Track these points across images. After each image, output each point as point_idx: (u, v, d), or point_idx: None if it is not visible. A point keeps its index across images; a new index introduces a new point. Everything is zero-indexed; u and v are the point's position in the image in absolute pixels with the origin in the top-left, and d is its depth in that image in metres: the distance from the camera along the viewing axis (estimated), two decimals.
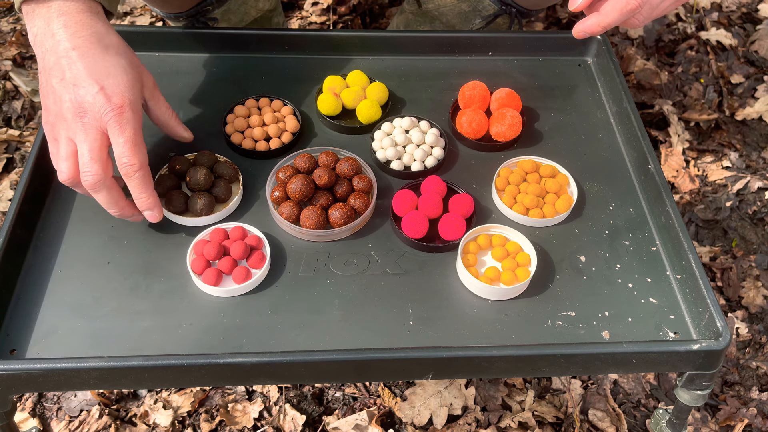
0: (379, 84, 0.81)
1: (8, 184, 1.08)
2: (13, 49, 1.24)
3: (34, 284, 0.64)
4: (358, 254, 0.68)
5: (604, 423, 0.88)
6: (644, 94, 1.28)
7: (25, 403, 0.87)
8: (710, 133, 1.24)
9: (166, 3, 1.00)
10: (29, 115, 1.18)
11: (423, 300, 0.64)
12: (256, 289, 0.65)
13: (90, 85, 0.60)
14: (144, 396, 0.88)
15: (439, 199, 0.69)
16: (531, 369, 0.60)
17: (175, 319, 0.62)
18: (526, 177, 0.74)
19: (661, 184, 0.71)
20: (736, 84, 1.32)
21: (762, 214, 1.12)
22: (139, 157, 0.61)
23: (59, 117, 0.62)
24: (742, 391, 0.93)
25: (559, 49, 0.88)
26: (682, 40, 1.39)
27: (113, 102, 0.60)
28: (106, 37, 0.63)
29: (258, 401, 0.88)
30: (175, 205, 0.68)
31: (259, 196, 0.72)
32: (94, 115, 0.60)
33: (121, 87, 0.62)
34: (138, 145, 0.61)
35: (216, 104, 0.80)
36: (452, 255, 0.68)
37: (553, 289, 0.66)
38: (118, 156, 0.61)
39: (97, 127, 0.60)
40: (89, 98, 0.60)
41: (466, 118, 0.77)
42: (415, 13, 1.09)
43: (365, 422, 0.86)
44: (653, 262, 0.69)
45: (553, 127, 0.81)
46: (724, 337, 0.60)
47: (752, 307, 1.01)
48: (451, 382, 0.90)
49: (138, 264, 0.66)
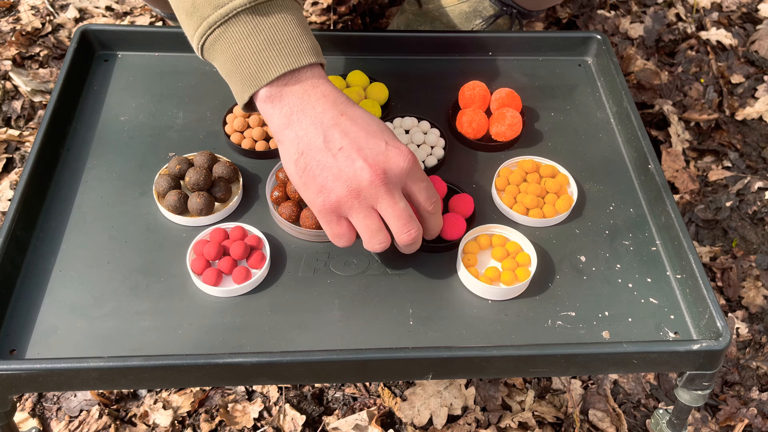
0: (379, 84, 0.81)
1: (8, 184, 1.08)
2: (13, 49, 1.24)
3: (34, 284, 0.64)
4: (358, 254, 0.68)
5: (604, 423, 0.88)
6: (644, 94, 1.28)
7: (24, 403, 0.87)
8: (710, 133, 1.24)
9: (167, 4, 1.00)
10: (29, 115, 1.18)
11: (423, 300, 0.64)
12: (256, 289, 0.65)
13: (376, 144, 0.56)
14: (144, 396, 0.88)
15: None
16: (531, 369, 0.60)
17: (175, 319, 0.62)
18: (526, 177, 0.74)
19: (661, 184, 0.71)
20: (736, 84, 1.32)
21: (762, 214, 1.12)
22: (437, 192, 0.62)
23: (351, 192, 0.56)
24: (742, 391, 0.93)
25: (559, 49, 0.88)
26: (682, 40, 1.39)
27: (404, 152, 0.57)
28: (351, 99, 0.59)
29: (258, 401, 0.88)
30: (175, 206, 0.68)
31: (259, 196, 0.72)
32: (394, 173, 0.56)
33: (395, 136, 0.59)
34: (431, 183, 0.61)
35: (216, 104, 0.80)
36: (452, 255, 0.68)
37: (553, 289, 0.66)
38: (424, 200, 0.60)
39: (399, 184, 0.57)
40: (382, 157, 0.56)
41: (466, 118, 0.77)
42: (415, 13, 1.09)
43: (365, 422, 0.86)
44: (653, 262, 0.69)
45: (553, 127, 0.81)
46: (724, 337, 0.60)
47: (752, 307, 1.01)
48: (451, 382, 0.90)
49: (138, 264, 0.66)
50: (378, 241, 0.58)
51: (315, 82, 0.57)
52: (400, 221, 0.57)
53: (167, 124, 0.78)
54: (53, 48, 1.27)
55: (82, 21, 1.33)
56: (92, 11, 1.35)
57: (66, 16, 1.33)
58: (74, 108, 0.78)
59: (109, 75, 0.83)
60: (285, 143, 0.57)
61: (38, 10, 1.34)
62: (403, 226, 0.58)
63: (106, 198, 0.71)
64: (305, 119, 0.56)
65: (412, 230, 0.58)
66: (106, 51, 0.85)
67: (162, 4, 1.03)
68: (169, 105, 0.80)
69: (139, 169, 0.74)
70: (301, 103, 0.56)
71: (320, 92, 0.57)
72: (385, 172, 0.56)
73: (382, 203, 0.57)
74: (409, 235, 0.58)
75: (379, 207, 0.57)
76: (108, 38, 0.84)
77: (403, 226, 0.58)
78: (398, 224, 0.57)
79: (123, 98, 0.80)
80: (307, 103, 0.56)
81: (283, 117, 0.57)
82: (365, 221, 0.57)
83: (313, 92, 0.56)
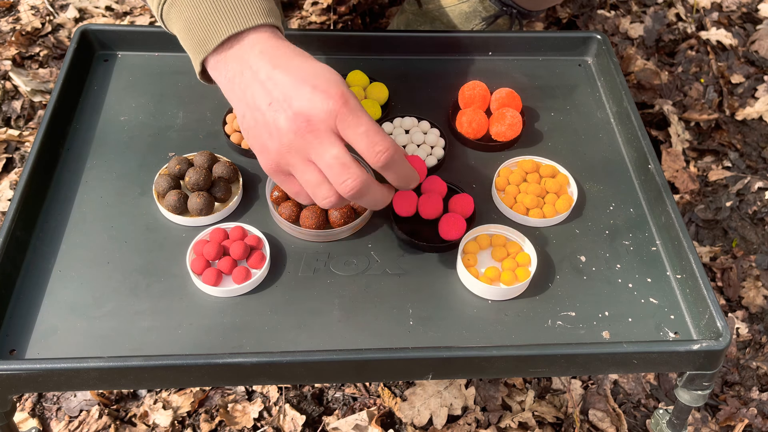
0: (379, 84, 0.81)
1: (8, 184, 1.08)
2: (13, 49, 1.24)
3: (34, 284, 0.64)
4: (358, 254, 0.68)
5: (604, 423, 0.88)
6: (644, 94, 1.28)
7: (24, 403, 0.87)
8: (710, 133, 1.24)
9: None
10: (29, 115, 1.18)
11: (423, 300, 0.64)
12: (256, 289, 0.65)
13: (301, 90, 0.51)
14: (144, 396, 0.88)
15: (439, 199, 0.69)
16: (531, 369, 0.60)
17: (175, 319, 0.62)
18: (526, 177, 0.74)
19: (661, 184, 0.71)
20: (736, 84, 1.32)
21: (762, 214, 1.12)
22: (388, 138, 0.53)
23: (283, 146, 0.52)
24: (743, 391, 0.93)
25: (559, 49, 0.88)
26: (682, 40, 1.39)
27: (332, 94, 0.51)
28: (301, 51, 0.56)
29: (258, 401, 0.88)
30: (175, 206, 0.68)
31: (259, 196, 0.72)
32: (319, 117, 0.51)
33: (334, 79, 0.53)
34: (380, 128, 0.53)
35: (216, 104, 0.80)
36: (452, 255, 0.68)
37: (553, 289, 0.66)
38: (365, 148, 0.52)
39: (328, 129, 0.52)
40: (306, 102, 0.51)
41: (466, 118, 0.77)
42: (415, 13, 1.09)
43: (365, 422, 0.86)
44: (653, 262, 0.69)
45: (553, 127, 0.81)
46: (724, 337, 0.59)
47: (752, 307, 1.01)
48: (451, 382, 0.90)
49: (138, 264, 0.66)
50: (322, 196, 0.53)
51: (255, 41, 0.54)
52: (332, 171, 0.52)
53: (167, 124, 0.78)
54: (53, 48, 1.27)
55: (82, 21, 1.33)
56: (92, 11, 1.35)
57: (66, 16, 1.33)
58: (74, 108, 0.78)
59: (109, 75, 0.83)
60: (235, 109, 0.57)
61: (38, 10, 1.34)
62: (337, 176, 0.52)
63: (106, 198, 0.71)
64: (243, 81, 0.54)
65: (348, 180, 0.52)
66: (106, 51, 0.85)
67: None
68: (169, 105, 0.80)
69: (139, 169, 0.74)
70: (240, 65, 0.54)
71: (258, 50, 0.54)
72: (308, 120, 0.51)
73: (313, 154, 0.52)
74: (345, 187, 0.52)
75: (313, 158, 0.52)
76: (108, 38, 0.84)
77: (337, 176, 0.52)
78: (332, 175, 0.52)
79: (123, 98, 0.80)
80: (245, 64, 0.54)
81: (227, 82, 0.55)
82: (303, 177, 0.54)
83: (251, 52, 0.54)
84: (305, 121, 0.51)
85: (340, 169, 0.52)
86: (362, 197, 0.54)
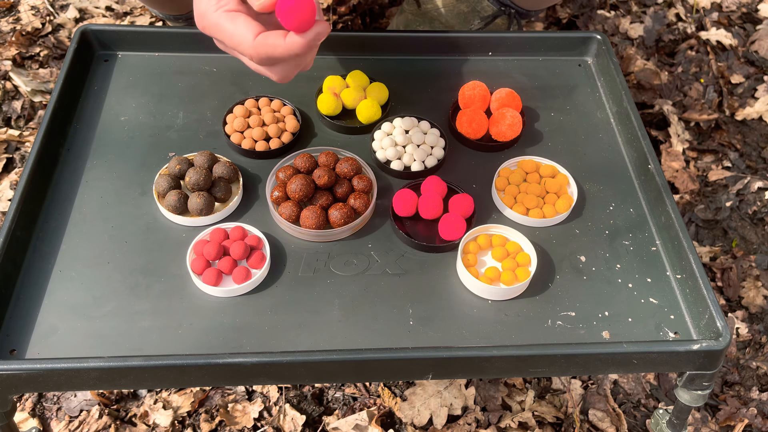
0: (379, 84, 0.81)
1: (8, 184, 1.08)
2: (13, 49, 1.24)
3: (34, 284, 0.64)
4: (358, 254, 0.68)
5: (604, 423, 0.88)
6: (644, 94, 1.28)
7: (25, 403, 0.87)
8: (710, 133, 1.24)
9: (166, 5, 1.00)
10: (29, 115, 1.18)
11: (423, 300, 0.64)
12: (256, 289, 0.65)
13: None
14: (144, 396, 0.88)
15: (439, 199, 0.69)
16: (531, 369, 0.60)
17: (175, 319, 0.62)
18: (526, 177, 0.74)
19: (661, 184, 0.71)
20: (736, 84, 1.32)
21: (762, 214, 1.12)
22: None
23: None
24: (742, 391, 0.93)
25: (559, 49, 0.88)
26: (682, 40, 1.39)
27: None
28: None
29: (258, 401, 0.88)
30: (175, 206, 0.68)
31: (259, 196, 0.72)
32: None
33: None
34: (232, 29, 0.54)
35: (216, 104, 0.80)
36: (452, 255, 0.68)
37: (553, 289, 0.66)
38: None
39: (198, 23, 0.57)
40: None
41: (466, 118, 0.77)
42: (414, 13, 1.09)
43: (365, 422, 0.86)
44: (653, 262, 0.69)
45: (553, 127, 0.81)
46: (724, 337, 0.60)
47: (752, 307, 1.01)
48: (451, 382, 0.90)
49: (138, 264, 0.66)
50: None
51: None
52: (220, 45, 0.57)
53: (167, 124, 0.78)
54: (53, 48, 1.27)
55: (82, 21, 1.33)
56: (92, 11, 1.35)
57: (66, 16, 1.33)
58: (74, 108, 0.78)
59: (109, 75, 0.83)
60: None
61: (38, 10, 1.34)
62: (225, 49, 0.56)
63: (106, 198, 0.71)
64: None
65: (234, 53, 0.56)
66: (106, 51, 0.85)
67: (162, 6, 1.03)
68: (169, 105, 0.80)
69: (139, 169, 0.74)
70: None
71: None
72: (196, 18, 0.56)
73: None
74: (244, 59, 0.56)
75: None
76: (108, 38, 0.84)
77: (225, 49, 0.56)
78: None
79: (123, 98, 0.80)
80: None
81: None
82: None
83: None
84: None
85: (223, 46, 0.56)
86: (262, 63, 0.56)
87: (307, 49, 0.53)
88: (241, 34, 0.53)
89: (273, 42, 0.52)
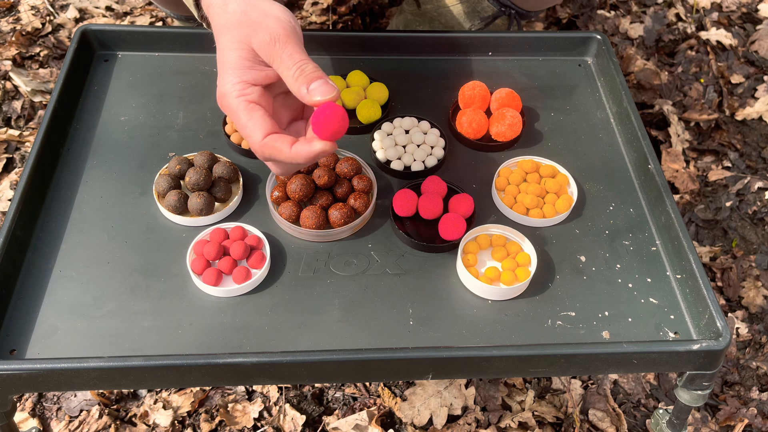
0: (379, 84, 0.81)
1: (8, 184, 1.08)
2: (13, 49, 1.24)
3: (34, 284, 0.64)
4: (358, 254, 0.68)
5: (604, 423, 0.88)
6: (644, 94, 1.28)
7: (25, 403, 0.87)
8: (710, 133, 1.24)
9: (180, 6, 1.00)
10: (29, 115, 1.18)
11: (423, 300, 0.64)
12: (256, 289, 0.65)
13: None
14: (144, 396, 0.88)
15: (439, 199, 0.69)
16: (531, 369, 0.60)
17: (175, 319, 0.62)
18: (526, 177, 0.74)
19: (661, 184, 0.71)
20: (736, 84, 1.32)
21: (762, 214, 1.12)
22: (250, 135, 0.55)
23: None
24: (742, 391, 0.93)
25: (559, 49, 0.88)
26: (682, 40, 1.39)
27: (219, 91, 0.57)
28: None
29: (258, 401, 0.88)
30: (175, 206, 0.68)
31: (259, 196, 0.72)
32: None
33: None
34: (244, 121, 0.55)
35: (216, 104, 0.80)
36: (452, 255, 0.68)
37: (553, 289, 0.66)
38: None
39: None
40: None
41: (466, 118, 0.77)
42: (414, 13, 1.09)
43: (365, 422, 0.86)
44: (653, 262, 0.69)
45: (553, 127, 0.81)
46: (724, 337, 0.60)
47: (752, 307, 1.01)
48: (451, 382, 0.90)
49: (138, 264, 0.66)
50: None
51: None
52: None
53: (167, 124, 0.78)
54: (53, 48, 1.27)
55: (82, 21, 1.33)
56: (92, 11, 1.35)
57: (66, 16, 1.33)
58: (74, 108, 0.78)
59: (109, 75, 0.83)
60: None
61: (38, 10, 1.34)
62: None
63: (106, 198, 0.71)
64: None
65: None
66: (106, 51, 0.85)
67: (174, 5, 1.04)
68: (169, 105, 0.80)
69: (139, 169, 0.74)
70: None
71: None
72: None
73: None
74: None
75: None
76: (108, 38, 0.84)
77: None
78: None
79: (123, 98, 0.80)
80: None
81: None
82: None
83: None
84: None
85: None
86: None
87: (308, 161, 0.55)
88: (253, 130, 0.55)
89: (279, 146, 0.54)
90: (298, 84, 0.54)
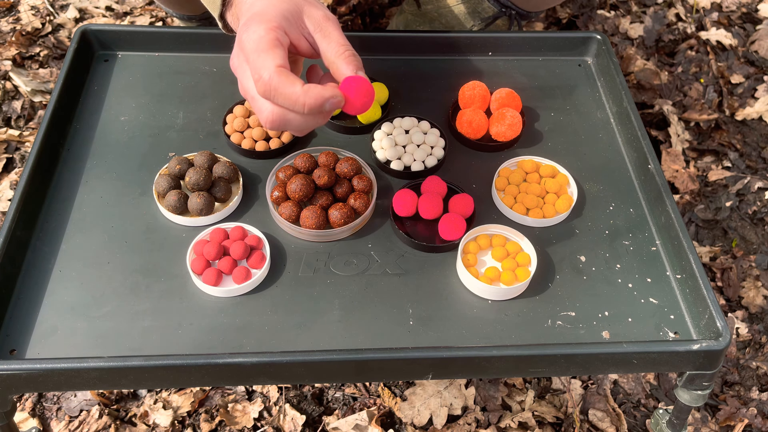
0: (379, 84, 0.81)
1: (8, 184, 1.08)
2: (13, 49, 1.24)
3: (34, 284, 0.64)
4: (358, 254, 0.68)
5: (604, 423, 0.88)
6: (644, 94, 1.28)
7: (25, 403, 0.87)
8: (710, 133, 1.24)
9: (183, 6, 1.00)
10: (29, 115, 1.18)
11: (423, 300, 0.64)
12: (256, 289, 0.65)
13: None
14: (144, 396, 0.88)
15: (439, 199, 0.69)
16: (531, 369, 0.60)
17: (175, 319, 0.62)
18: (526, 177, 0.74)
19: (661, 184, 0.71)
20: (736, 84, 1.32)
21: (762, 214, 1.12)
22: (264, 63, 0.52)
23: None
24: (742, 391, 0.93)
25: (559, 49, 0.88)
26: (682, 40, 1.39)
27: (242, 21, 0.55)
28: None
29: (258, 401, 0.88)
30: (175, 206, 0.68)
31: (259, 196, 0.72)
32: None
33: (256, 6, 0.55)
34: (263, 52, 0.52)
35: (216, 104, 0.80)
36: (452, 255, 0.68)
37: (553, 289, 0.66)
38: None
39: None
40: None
41: (466, 118, 0.77)
42: (414, 13, 1.09)
43: (365, 422, 0.86)
44: (653, 262, 0.69)
45: (553, 127, 0.81)
46: (724, 337, 0.60)
47: (752, 307, 1.01)
48: (451, 382, 0.90)
49: (138, 264, 0.66)
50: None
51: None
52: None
53: (167, 124, 0.78)
54: (53, 48, 1.27)
55: (82, 21, 1.33)
56: (92, 11, 1.35)
57: (66, 16, 1.33)
58: (74, 108, 0.78)
59: (109, 75, 0.83)
60: None
61: (38, 10, 1.34)
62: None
63: (106, 198, 0.71)
64: None
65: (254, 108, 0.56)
66: (106, 51, 0.85)
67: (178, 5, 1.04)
68: (169, 105, 0.80)
69: (139, 169, 0.74)
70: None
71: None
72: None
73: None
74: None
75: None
76: (108, 38, 0.84)
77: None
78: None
79: (123, 98, 0.80)
80: None
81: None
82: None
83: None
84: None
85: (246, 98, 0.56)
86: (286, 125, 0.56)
87: (316, 104, 0.53)
88: (268, 59, 0.52)
89: (292, 79, 0.52)
90: (345, 63, 0.54)
